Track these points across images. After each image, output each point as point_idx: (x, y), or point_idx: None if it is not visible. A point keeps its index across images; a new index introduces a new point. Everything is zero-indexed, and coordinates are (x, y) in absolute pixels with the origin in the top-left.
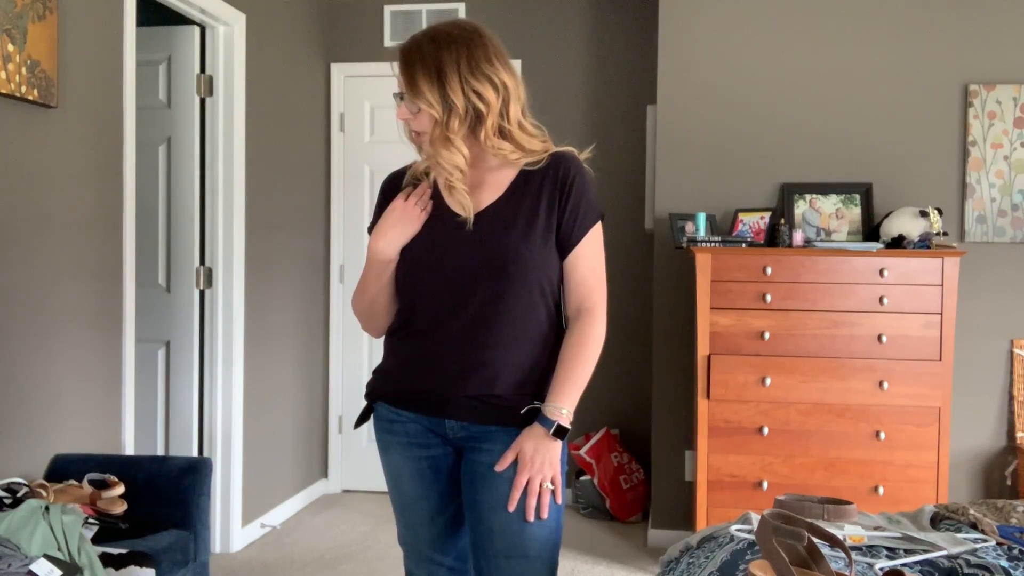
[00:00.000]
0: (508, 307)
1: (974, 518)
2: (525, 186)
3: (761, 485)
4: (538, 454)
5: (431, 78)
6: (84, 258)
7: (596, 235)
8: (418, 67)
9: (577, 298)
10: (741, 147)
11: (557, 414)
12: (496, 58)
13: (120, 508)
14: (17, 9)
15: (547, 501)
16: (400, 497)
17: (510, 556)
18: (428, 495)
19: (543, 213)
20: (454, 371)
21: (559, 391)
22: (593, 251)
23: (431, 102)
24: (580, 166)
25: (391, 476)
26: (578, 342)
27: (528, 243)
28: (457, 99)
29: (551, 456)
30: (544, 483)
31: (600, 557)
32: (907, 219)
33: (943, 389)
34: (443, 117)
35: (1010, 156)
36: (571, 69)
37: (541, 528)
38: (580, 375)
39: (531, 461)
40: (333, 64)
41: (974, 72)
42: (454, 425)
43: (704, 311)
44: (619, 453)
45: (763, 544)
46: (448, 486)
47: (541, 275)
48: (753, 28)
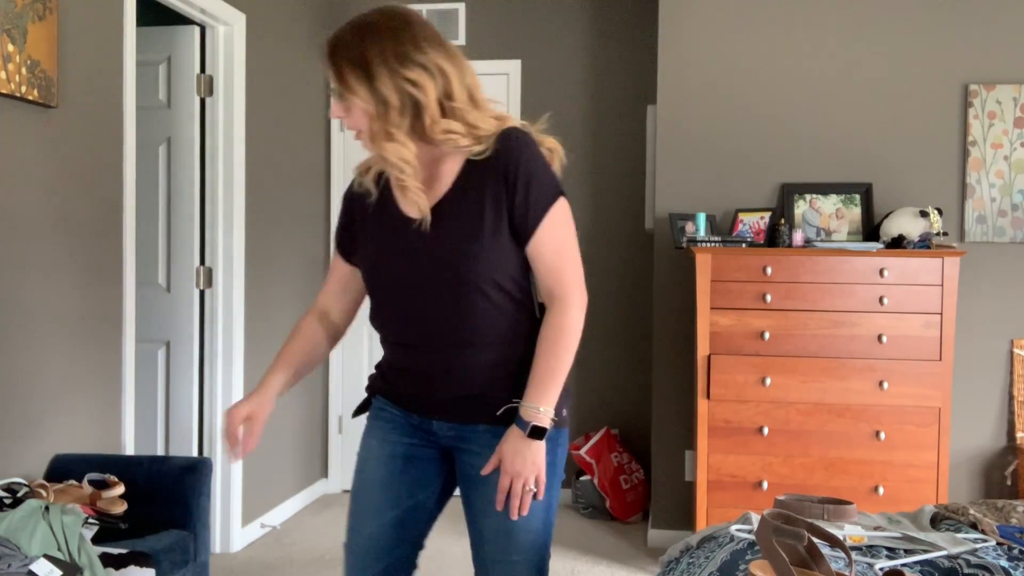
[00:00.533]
0: (472, 309)
1: (974, 518)
2: (470, 178)
3: (761, 485)
4: (518, 456)
5: (358, 72)
6: (84, 258)
7: (557, 215)
8: (344, 62)
9: (546, 286)
10: (741, 147)
11: (533, 414)
12: (427, 42)
13: (120, 508)
14: (17, 9)
15: (528, 501)
16: (361, 482)
17: (496, 560)
18: (389, 484)
19: (489, 206)
20: (431, 377)
21: (534, 390)
22: (556, 233)
23: (363, 98)
24: (525, 146)
25: (360, 460)
26: (550, 335)
27: (479, 241)
28: (389, 92)
29: (531, 457)
30: (526, 485)
31: (600, 557)
32: (907, 219)
33: (943, 389)
34: (378, 111)
35: (1010, 156)
36: (571, 69)
37: (527, 533)
38: (555, 370)
39: (511, 464)
40: None
41: (974, 72)
42: (442, 425)
43: (704, 311)
44: (619, 453)
45: (763, 544)
46: (413, 482)
47: (498, 271)
48: (753, 28)
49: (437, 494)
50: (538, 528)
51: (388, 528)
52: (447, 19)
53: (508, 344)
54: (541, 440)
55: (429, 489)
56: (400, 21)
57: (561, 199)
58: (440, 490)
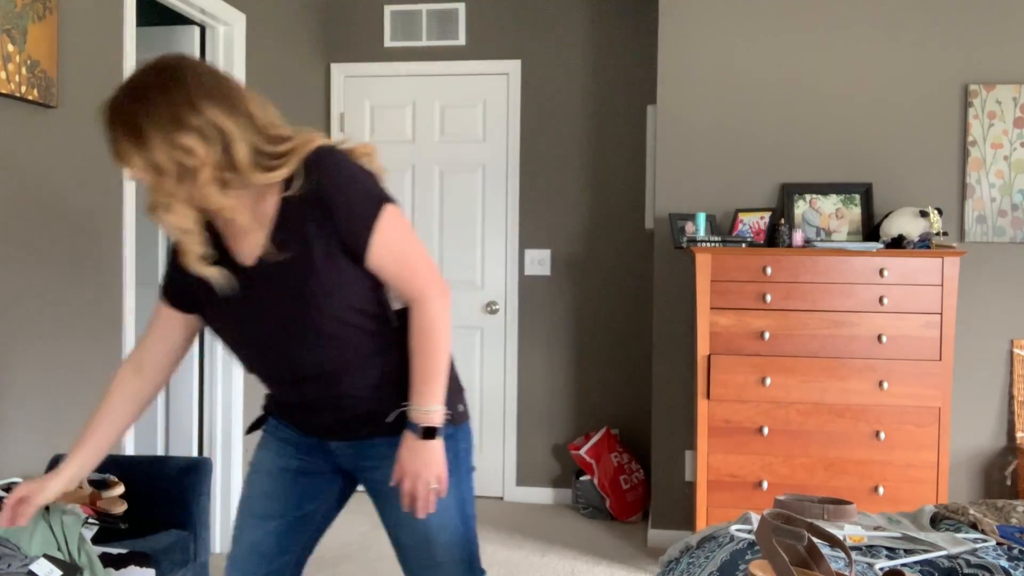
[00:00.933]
0: (334, 342)
1: (974, 518)
2: (289, 214)
3: (761, 485)
4: (415, 457)
5: (132, 140)
6: (84, 258)
7: (386, 226)
8: (119, 130)
9: (401, 294)
10: (741, 147)
11: (422, 416)
12: (203, 99)
13: (120, 508)
14: (17, 9)
15: (433, 500)
16: (250, 490)
17: (422, 566)
18: (278, 494)
19: (316, 238)
20: (316, 407)
21: (417, 393)
22: (392, 242)
23: (139, 167)
24: (334, 166)
25: (251, 470)
26: (418, 337)
27: (315, 278)
28: (163, 159)
29: (428, 456)
30: (427, 485)
31: (600, 557)
32: (907, 219)
33: (943, 389)
34: (154, 181)
35: (1010, 156)
36: (571, 69)
37: (445, 532)
38: (432, 368)
39: (409, 465)
40: (333, 64)
41: (974, 72)
42: (340, 445)
43: (704, 311)
44: (619, 453)
45: (763, 544)
46: (303, 494)
47: (346, 298)
48: (753, 28)
49: (324, 509)
50: (455, 526)
51: (271, 536)
52: (447, 19)
53: (381, 359)
54: (435, 439)
55: (317, 502)
56: (172, 79)
57: (386, 207)
58: (329, 506)
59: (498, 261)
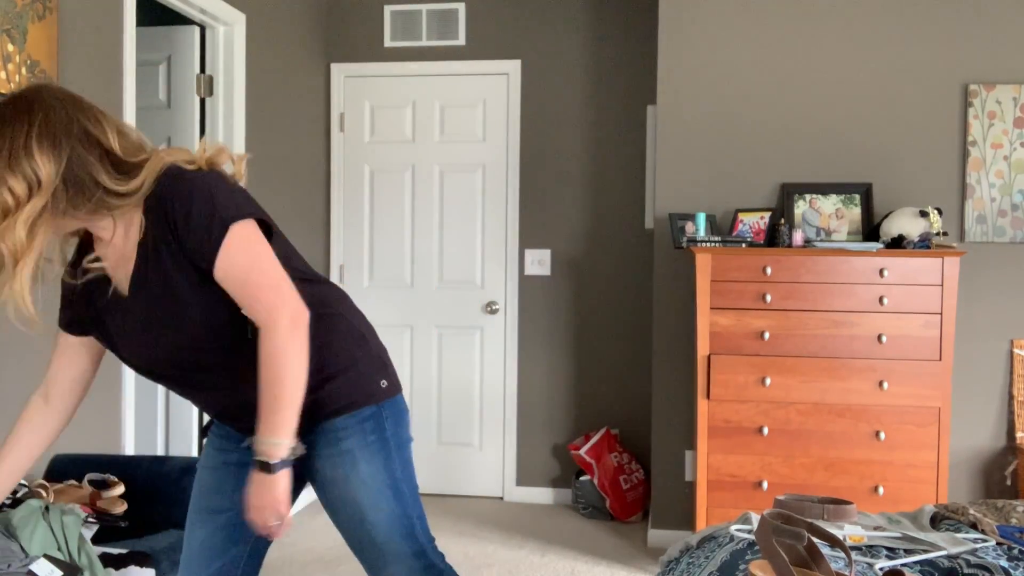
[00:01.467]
0: (223, 357)
1: (974, 518)
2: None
3: (761, 485)
4: (257, 491)
5: None
6: None
7: (232, 244)
8: None
9: (250, 315)
10: (741, 147)
11: (265, 448)
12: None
13: (120, 508)
14: (17, 9)
15: (279, 531)
16: (196, 487)
17: (363, 547)
18: (221, 487)
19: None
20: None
21: (263, 423)
22: (237, 261)
23: None
24: (177, 189)
25: (198, 467)
26: (264, 365)
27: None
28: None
29: (268, 491)
30: (268, 519)
31: (600, 557)
32: (907, 219)
33: (943, 389)
34: None
35: (1010, 156)
36: (571, 69)
37: (379, 512)
38: (279, 399)
39: (252, 500)
40: (333, 64)
41: (974, 72)
42: None
43: (704, 311)
44: (619, 453)
45: (763, 544)
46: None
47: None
48: (753, 28)
49: None
50: (389, 506)
51: (220, 531)
52: (447, 19)
53: None
54: (276, 474)
55: None
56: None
57: (234, 226)
58: None
59: (498, 261)
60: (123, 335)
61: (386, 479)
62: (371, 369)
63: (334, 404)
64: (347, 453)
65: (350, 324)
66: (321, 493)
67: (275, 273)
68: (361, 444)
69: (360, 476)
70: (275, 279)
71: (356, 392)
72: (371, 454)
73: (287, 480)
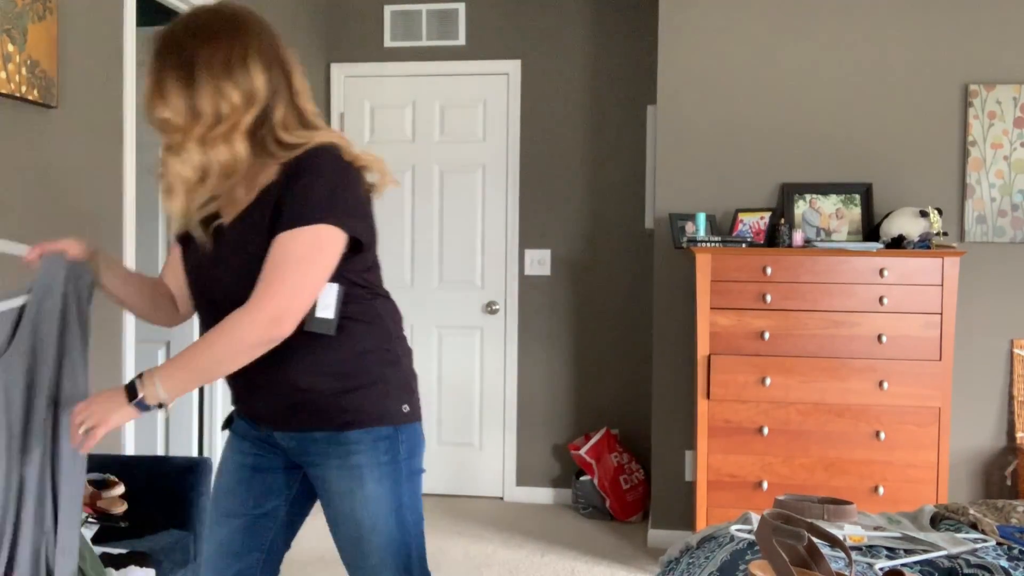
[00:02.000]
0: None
1: (974, 518)
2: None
3: (761, 485)
4: (97, 400)
5: (182, 78)
6: None
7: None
8: (170, 65)
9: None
10: (741, 147)
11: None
12: (257, 57)
13: (120, 508)
14: (17, 9)
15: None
16: (216, 488)
17: (356, 565)
18: (237, 491)
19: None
20: (257, 388)
21: (164, 364)
22: (292, 247)
23: (177, 107)
24: (316, 162)
25: (218, 469)
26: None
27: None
28: (205, 104)
29: (105, 401)
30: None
31: (600, 557)
32: (907, 219)
33: (943, 389)
34: (184, 123)
35: (1010, 156)
36: (571, 69)
37: (378, 536)
38: (190, 357)
39: (86, 402)
40: (333, 64)
41: (974, 72)
42: (283, 436)
43: (704, 311)
44: (619, 453)
45: (763, 544)
46: (262, 491)
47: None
48: (753, 28)
49: (289, 502)
50: (389, 530)
51: (238, 532)
52: (447, 19)
53: (319, 346)
54: (128, 406)
55: (280, 497)
56: (235, 27)
57: (323, 226)
58: (293, 497)
59: (498, 261)
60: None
61: (391, 503)
62: (397, 390)
63: (352, 415)
64: (356, 468)
65: (391, 342)
66: (324, 504)
67: (309, 283)
68: (372, 463)
69: (365, 494)
70: (303, 285)
71: (377, 409)
72: (380, 475)
73: (127, 417)
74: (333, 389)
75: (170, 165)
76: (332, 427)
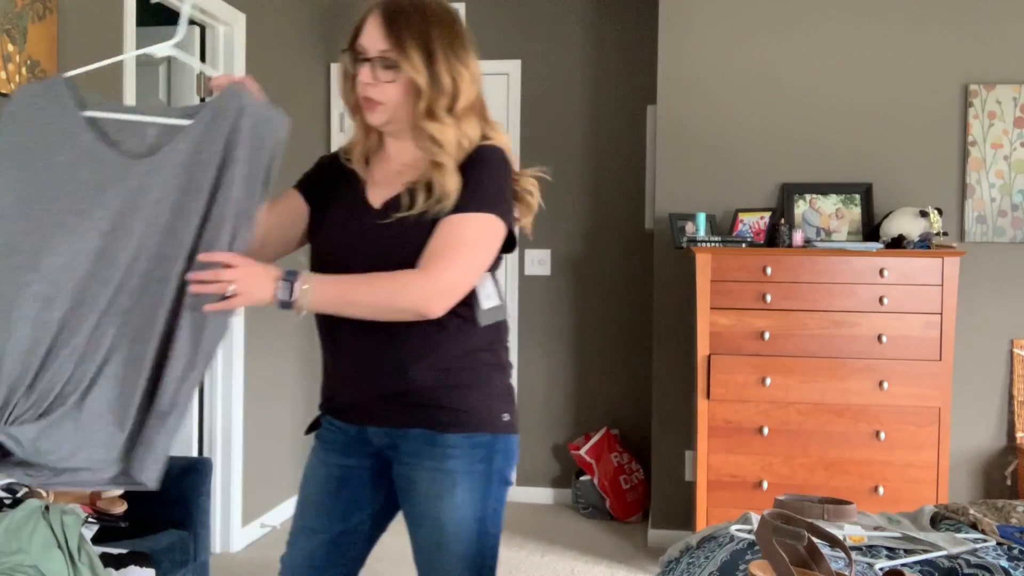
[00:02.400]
0: None
1: (974, 518)
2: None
3: (761, 485)
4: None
5: (420, 46)
6: None
7: (476, 221)
8: (407, 32)
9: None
10: (741, 147)
11: (300, 278)
12: (469, 47)
13: (120, 508)
14: (17, 9)
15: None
16: (301, 498)
17: (428, 570)
18: (323, 504)
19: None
20: (360, 372)
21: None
22: (462, 229)
23: (418, 69)
24: (493, 156)
25: (303, 477)
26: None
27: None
28: (444, 76)
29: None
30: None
31: (600, 557)
32: (907, 219)
33: (943, 389)
34: (428, 89)
35: (1010, 156)
36: (571, 69)
37: (460, 544)
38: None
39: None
40: (333, 64)
41: (974, 72)
42: (376, 432)
43: (704, 311)
44: (619, 453)
45: (763, 544)
46: (347, 505)
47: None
48: (753, 28)
49: (373, 517)
50: (470, 539)
51: (321, 547)
52: None
53: (441, 340)
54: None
55: (364, 512)
56: (453, 17)
57: (492, 215)
58: (377, 511)
59: None
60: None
61: (477, 512)
62: (499, 396)
63: (452, 416)
64: (450, 473)
65: (499, 347)
66: (408, 504)
67: (475, 267)
68: (467, 469)
69: (455, 500)
70: (471, 267)
71: (478, 413)
72: (472, 482)
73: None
74: (436, 383)
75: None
76: (430, 426)
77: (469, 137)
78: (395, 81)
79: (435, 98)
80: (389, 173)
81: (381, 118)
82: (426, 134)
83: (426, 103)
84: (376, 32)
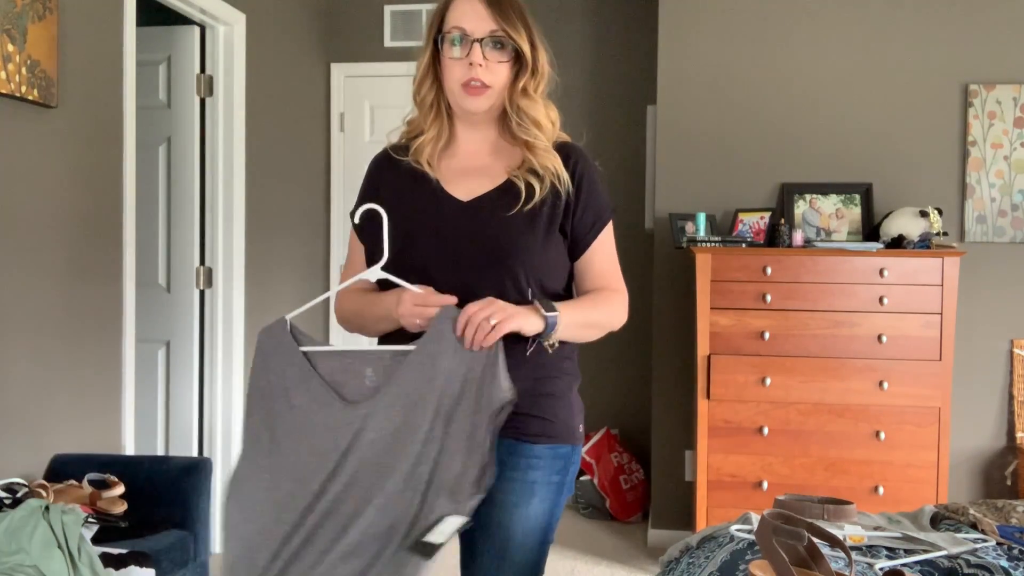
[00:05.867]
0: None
1: (974, 518)
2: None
3: (761, 485)
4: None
5: (525, 25)
6: (84, 258)
7: (608, 232)
8: (511, 10)
9: (596, 286)
10: (741, 147)
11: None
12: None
13: (120, 508)
14: (17, 9)
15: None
16: None
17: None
18: None
19: (548, 207)
20: None
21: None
22: (607, 246)
23: (528, 46)
24: (587, 163)
25: None
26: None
27: (532, 234)
28: (542, 56)
29: (504, 305)
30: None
31: (600, 557)
32: (907, 219)
33: (943, 389)
34: (531, 68)
35: (1010, 156)
36: (571, 69)
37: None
38: (587, 309)
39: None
40: (333, 64)
41: (974, 72)
42: None
43: (704, 311)
44: (619, 453)
45: (763, 544)
46: None
47: (539, 275)
48: (753, 28)
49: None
50: (532, 549)
51: None
52: None
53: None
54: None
55: None
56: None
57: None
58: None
59: None
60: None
61: (545, 524)
62: (578, 409)
63: (539, 427)
64: (530, 484)
65: (575, 359)
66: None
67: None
68: (545, 480)
69: (529, 511)
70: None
71: (565, 423)
72: (547, 493)
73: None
74: (526, 390)
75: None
76: (517, 437)
77: (553, 120)
78: (505, 61)
79: (534, 78)
80: (466, 166)
81: (487, 103)
82: (528, 116)
83: (525, 83)
84: (480, 12)
